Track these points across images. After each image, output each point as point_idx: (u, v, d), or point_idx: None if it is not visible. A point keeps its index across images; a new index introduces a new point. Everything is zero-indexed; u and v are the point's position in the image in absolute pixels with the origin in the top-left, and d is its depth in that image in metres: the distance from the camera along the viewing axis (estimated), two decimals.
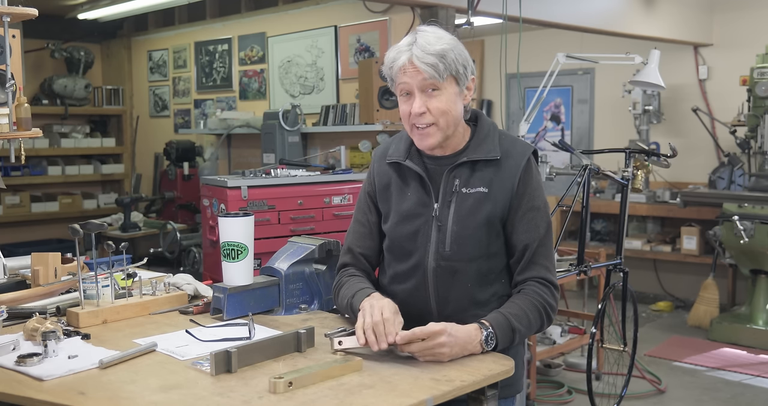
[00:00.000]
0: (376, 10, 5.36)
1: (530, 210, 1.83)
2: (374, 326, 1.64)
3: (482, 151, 1.83)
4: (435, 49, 1.73)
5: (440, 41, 1.75)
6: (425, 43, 1.74)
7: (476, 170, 1.83)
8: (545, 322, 1.81)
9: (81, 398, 1.43)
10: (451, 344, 1.62)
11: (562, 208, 3.56)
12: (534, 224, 1.82)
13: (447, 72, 1.74)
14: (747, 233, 4.85)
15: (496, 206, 1.81)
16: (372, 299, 1.77)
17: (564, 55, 4.29)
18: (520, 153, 1.84)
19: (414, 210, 1.86)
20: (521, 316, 1.75)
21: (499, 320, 1.72)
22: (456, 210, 1.82)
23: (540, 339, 4.17)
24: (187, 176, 6.66)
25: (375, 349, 1.64)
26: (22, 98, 2.18)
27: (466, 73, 1.79)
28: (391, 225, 1.90)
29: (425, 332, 1.61)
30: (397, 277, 1.91)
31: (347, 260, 1.98)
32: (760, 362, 4.71)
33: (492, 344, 1.69)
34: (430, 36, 1.76)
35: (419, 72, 1.73)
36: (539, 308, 1.78)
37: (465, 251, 1.81)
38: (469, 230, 1.81)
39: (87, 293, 1.97)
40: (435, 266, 1.83)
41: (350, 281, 1.91)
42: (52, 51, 7.21)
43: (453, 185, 1.83)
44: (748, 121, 5.42)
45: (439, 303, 1.85)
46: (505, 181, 1.81)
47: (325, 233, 4.09)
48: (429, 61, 1.72)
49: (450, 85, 1.77)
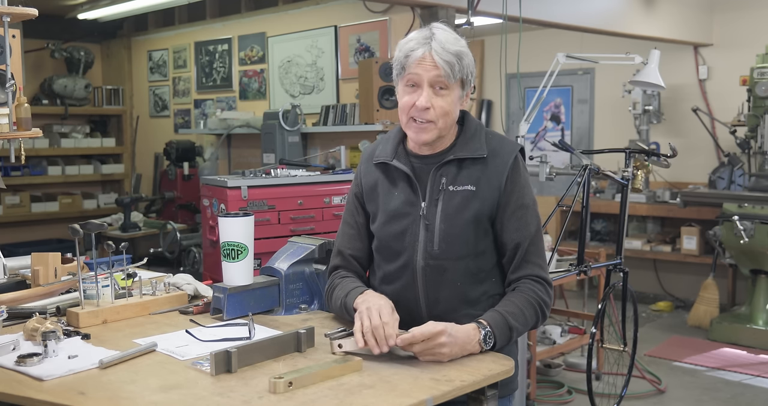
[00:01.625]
0: (376, 10, 5.36)
1: (520, 208, 1.83)
2: (374, 329, 1.64)
3: (469, 149, 1.83)
4: (454, 49, 1.75)
5: (458, 43, 1.77)
6: (444, 40, 1.75)
7: (463, 168, 1.83)
8: (540, 319, 1.82)
9: (81, 398, 1.43)
10: (451, 344, 1.62)
11: (562, 208, 3.56)
12: (524, 221, 1.83)
13: (459, 74, 1.77)
14: (747, 233, 4.85)
15: (483, 204, 1.81)
16: (366, 297, 1.78)
17: (564, 55, 4.29)
18: (507, 151, 1.84)
19: (401, 209, 1.86)
20: (518, 314, 1.75)
21: (496, 318, 1.72)
22: (443, 208, 1.82)
23: (540, 339, 4.17)
24: (187, 176, 6.66)
25: (376, 352, 1.64)
26: (22, 98, 2.18)
27: (471, 81, 1.82)
28: (379, 225, 1.90)
29: (425, 333, 1.61)
30: (386, 277, 1.91)
31: (338, 262, 1.99)
32: (760, 362, 4.71)
33: (490, 344, 1.69)
34: (449, 35, 1.77)
35: (436, 67, 1.74)
36: (534, 305, 1.79)
37: (453, 249, 1.81)
38: (457, 228, 1.81)
39: (87, 293, 1.97)
40: (424, 265, 1.83)
41: (342, 282, 1.91)
42: (52, 51, 7.21)
43: (440, 183, 1.83)
44: (748, 121, 5.42)
45: (428, 303, 1.85)
46: (493, 180, 1.82)
47: (325, 232, 4.09)
48: (447, 59, 1.74)
49: (456, 88, 1.79)
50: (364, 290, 1.84)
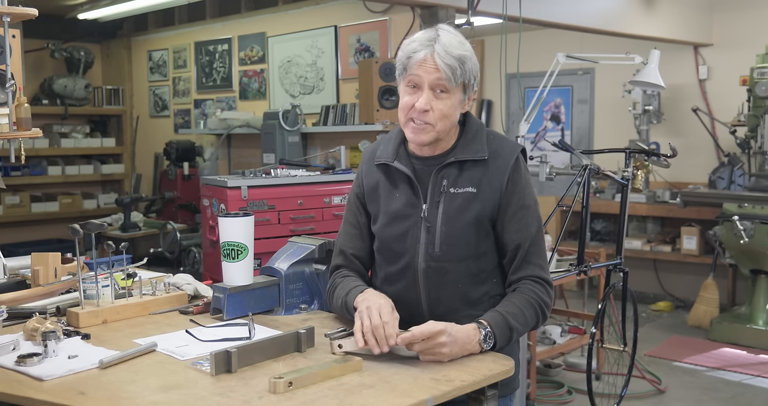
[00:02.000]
0: (376, 10, 5.36)
1: (521, 209, 1.82)
2: (374, 329, 1.64)
3: (470, 151, 1.83)
4: (458, 53, 1.74)
5: (462, 47, 1.76)
6: (448, 44, 1.74)
7: (464, 170, 1.83)
8: (540, 319, 1.82)
9: (81, 398, 1.43)
10: (451, 344, 1.62)
11: (562, 208, 3.56)
12: (525, 222, 1.82)
13: (461, 78, 1.76)
14: (747, 233, 4.85)
15: (485, 206, 1.81)
16: (366, 296, 1.77)
17: (564, 55, 4.29)
18: (508, 152, 1.84)
19: (403, 211, 1.86)
20: (518, 314, 1.75)
21: (496, 319, 1.72)
22: (444, 210, 1.82)
23: (540, 339, 4.17)
24: (187, 176, 6.66)
25: (376, 352, 1.64)
26: (22, 98, 2.18)
27: (474, 85, 1.81)
28: (380, 226, 1.90)
29: (425, 333, 1.61)
30: (388, 278, 1.91)
31: (339, 261, 1.99)
32: (760, 362, 4.71)
33: (491, 344, 1.69)
34: (453, 38, 1.76)
35: (437, 70, 1.74)
36: (535, 305, 1.79)
37: (454, 251, 1.81)
38: (458, 230, 1.81)
39: (87, 293, 1.97)
40: (425, 266, 1.83)
41: (343, 282, 1.91)
42: (52, 51, 7.21)
43: (441, 185, 1.83)
44: (748, 121, 5.42)
45: (430, 304, 1.85)
46: (494, 181, 1.81)
47: (325, 232, 4.09)
48: (450, 62, 1.73)
49: (458, 92, 1.78)
50: (364, 288, 1.84)
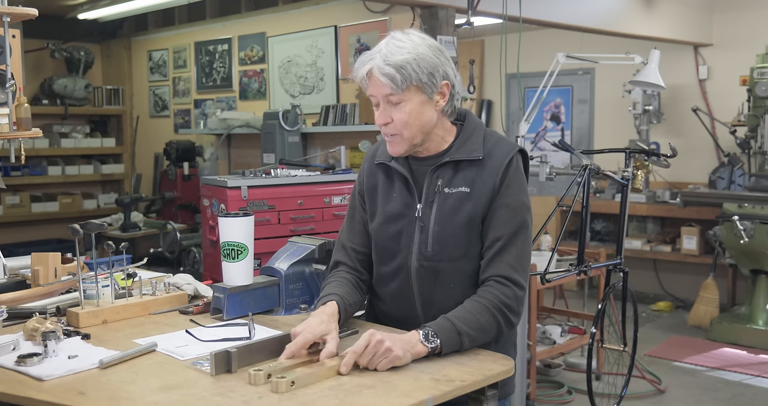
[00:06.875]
0: (376, 10, 5.36)
1: (501, 206, 1.78)
2: (294, 353, 1.60)
3: (465, 151, 1.82)
4: (394, 61, 1.70)
5: (401, 51, 1.71)
6: (388, 53, 1.71)
7: (459, 170, 1.82)
8: (504, 323, 1.74)
9: (81, 398, 1.43)
10: (392, 340, 1.57)
11: (562, 208, 3.56)
12: (504, 220, 1.77)
13: (406, 83, 1.71)
14: (747, 233, 4.85)
15: (477, 206, 1.79)
16: (312, 316, 1.72)
17: (564, 55, 4.29)
18: (504, 153, 1.82)
19: (398, 211, 1.86)
20: (469, 319, 1.69)
21: (439, 322, 1.67)
22: (438, 210, 1.81)
23: (540, 339, 4.17)
24: (187, 176, 6.66)
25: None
26: (22, 98, 2.18)
27: (433, 81, 1.74)
28: (376, 225, 1.90)
29: (360, 344, 1.56)
30: (381, 279, 1.91)
31: (339, 257, 1.97)
32: (760, 362, 4.71)
33: (435, 341, 1.63)
34: (395, 44, 1.73)
35: (381, 84, 1.73)
36: (492, 309, 1.72)
37: (447, 251, 1.80)
38: (450, 230, 1.80)
39: (87, 293, 1.97)
40: (418, 266, 1.83)
41: (329, 285, 1.88)
42: (52, 51, 7.21)
43: (436, 185, 1.82)
44: (748, 121, 5.42)
45: (423, 305, 1.85)
46: (487, 181, 1.79)
47: (325, 232, 4.09)
48: (387, 72, 1.70)
49: (414, 95, 1.74)
50: (328, 300, 1.79)
